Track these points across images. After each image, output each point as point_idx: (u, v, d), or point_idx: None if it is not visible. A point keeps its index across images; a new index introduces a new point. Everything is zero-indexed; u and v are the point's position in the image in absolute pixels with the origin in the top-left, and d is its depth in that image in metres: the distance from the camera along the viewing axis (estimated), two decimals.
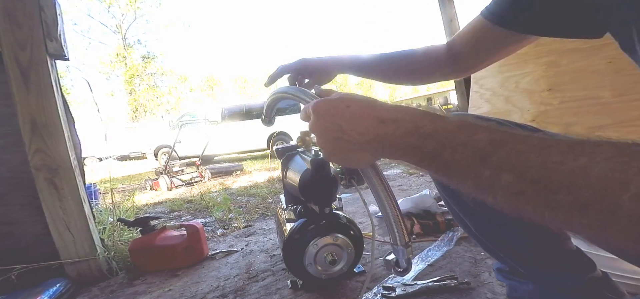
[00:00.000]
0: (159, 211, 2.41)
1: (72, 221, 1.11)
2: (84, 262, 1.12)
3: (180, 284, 1.07)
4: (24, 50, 1.00)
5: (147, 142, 7.44)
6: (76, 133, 1.17)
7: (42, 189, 1.06)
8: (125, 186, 4.17)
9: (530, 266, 0.57)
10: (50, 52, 1.05)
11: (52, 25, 1.05)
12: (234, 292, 0.98)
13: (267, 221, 1.79)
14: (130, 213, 2.09)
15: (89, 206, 1.18)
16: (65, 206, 1.09)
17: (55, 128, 1.06)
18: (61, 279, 1.07)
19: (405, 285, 0.91)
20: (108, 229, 1.38)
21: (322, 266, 0.88)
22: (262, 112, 0.81)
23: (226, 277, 1.09)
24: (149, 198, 3.07)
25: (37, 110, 1.03)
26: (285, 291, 0.94)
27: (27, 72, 1.01)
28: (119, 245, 1.30)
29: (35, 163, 1.05)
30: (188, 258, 1.21)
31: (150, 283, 1.11)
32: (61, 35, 1.08)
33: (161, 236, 1.22)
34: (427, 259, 1.04)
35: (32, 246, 1.10)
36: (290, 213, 0.97)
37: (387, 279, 0.96)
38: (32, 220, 1.09)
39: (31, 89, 1.02)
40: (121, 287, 1.10)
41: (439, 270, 0.98)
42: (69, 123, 1.14)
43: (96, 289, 1.10)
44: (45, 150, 1.05)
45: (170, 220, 2.08)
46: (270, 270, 1.10)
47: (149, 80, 19.42)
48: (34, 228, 1.09)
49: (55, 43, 1.06)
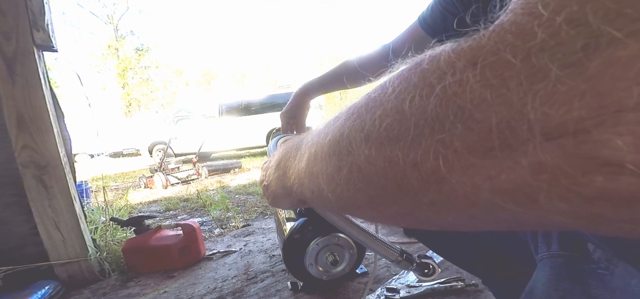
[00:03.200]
0: (154, 210, 2.41)
1: (62, 221, 1.10)
2: (74, 263, 1.12)
3: (176, 285, 1.07)
4: (8, 40, 0.99)
5: (141, 138, 7.41)
6: (66, 128, 1.16)
7: (29, 187, 1.05)
8: (118, 184, 4.17)
9: (484, 276, 0.61)
10: (37, 42, 1.03)
11: (39, 15, 1.03)
12: (232, 294, 0.98)
13: (266, 220, 1.78)
14: (124, 212, 2.09)
15: (80, 205, 1.17)
16: (55, 205, 1.08)
17: (43, 123, 1.05)
18: (50, 281, 1.06)
19: (409, 287, 0.91)
20: (100, 229, 1.38)
21: (323, 266, 0.88)
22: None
23: (224, 278, 1.08)
24: (144, 197, 3.06)
25: (23, 104, 1.02)
26: (285, 293, 0.94)
27: (12, 63, 0.99)
28: (111, 245, 1.29)
29: (22, 160, 1.03)
30: (184, 259, 1.20)
31: (145, 284, 1.10)
32: (49, 25, 1.06)
33: (156, 236, 1.21)
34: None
35: (19, 246, 1.09)
36: (290, 211, 0.96)
37: (390, 281, 0.96)
38: (19, 219, 1.08)
39: (17, 82, 1.00)
40: (114, 289, 1.09)
41: (445, 271, 0.97)
42: (58, 118, 1.13)
43: (87, 291, 1.09)
44: (32, 146, 1.04)
45: (165, 219, 2.08)
46: (269, 271, 1.09)
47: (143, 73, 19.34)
48: (21, 228, 1.08)
49: (42, 33, 1.04)
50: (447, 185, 0.13)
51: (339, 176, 0.18)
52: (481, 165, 0.11)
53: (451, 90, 0.12)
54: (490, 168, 0.11)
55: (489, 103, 0.11)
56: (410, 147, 0.14)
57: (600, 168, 0.09)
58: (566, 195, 0.10)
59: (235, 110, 6.76)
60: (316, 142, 0.22)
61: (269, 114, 6.39)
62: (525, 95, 0.10)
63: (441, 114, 0.12)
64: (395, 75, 0.16)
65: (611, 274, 0.29)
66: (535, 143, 0.10)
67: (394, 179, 0.15)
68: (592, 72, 0.09)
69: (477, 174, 0.12)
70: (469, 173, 0.12)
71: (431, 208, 0.14)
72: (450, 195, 0.13)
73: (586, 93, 0.09)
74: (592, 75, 0.09)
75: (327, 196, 0.21)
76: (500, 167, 0.11)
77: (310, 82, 0.88)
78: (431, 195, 0.14)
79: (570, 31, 0.09)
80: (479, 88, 0.11)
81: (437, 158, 0.12)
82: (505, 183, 0.11)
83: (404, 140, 0.14)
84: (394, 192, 0.15)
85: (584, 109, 0.09)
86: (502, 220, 0.13)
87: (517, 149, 0.10)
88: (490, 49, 0.11)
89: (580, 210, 0.10)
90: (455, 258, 0.65)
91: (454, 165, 0.12)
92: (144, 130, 7.53)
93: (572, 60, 0.09)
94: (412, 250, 1.13)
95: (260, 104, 6.73)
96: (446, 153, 0.12)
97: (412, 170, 0.14)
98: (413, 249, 1.14)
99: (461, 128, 0.12)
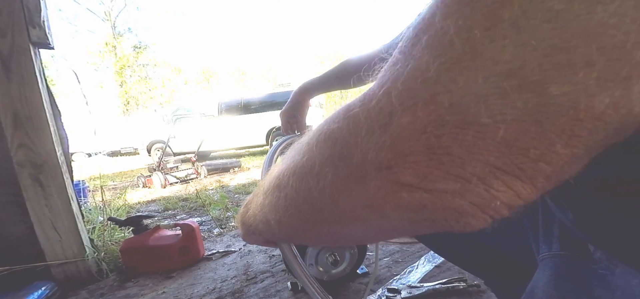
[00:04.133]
0: (152, 210, 2.40)
1: (59, 221, 1.09)
2: (71, 263, 1.11)
3: (175, 286, 1.06)
4: (4, 37, 0.98)
5: (140, 137, 7.40)
6: (63, 127, 1.15)
7: (26, 186, 1.04)
8: (116, 184, 4.17)
9: (486, 276, 0.63)
10: (33, 40, 1.03)
11: (35, 11, 1.02)
12: (231, 294, 0.98)
13: None
14: (122, 212, 2.09)
15: (77, 205, 1.17)
16: (52, 204, 1.08)
17: (40, 122, 1.04)
18: (47, 282, 1.06)
19: (411, 287, 0.90)
20: (98, 228, 1.38)
21: (323, 267, 0.87)
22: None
23: (223, 278, 1.08)
24: (142, 196, 3.06)
25: (20, 102, 1.01)
26: (285, 294, 0.94)
27: (8, 61, 0.99)
28: (109, 246, 1.29)
29: (18, 159, 1.03)
30: (183, 259, 1.20)
31: (143, 285, 1.10)
32: (45, 22, 1.06)
33: (155, 236, 1.21)
34: (434, 261, 1.03)
35: (15, 247, 1.08)
36: None
37: (391, 281, 0.95)
38: (15, 219, 1.07)
39: (13, 79, 1.00)
40: (112, 290, 1.09)
41: (447, 272, 0.97)
42: (55, 116, 1.12)
43: (85, 292, 1.09)
44: (29, 144, 1.03)
45: (164, 219, 2.07)
46: (269, 271, 1.09)
47: (141, 71, 19.29)
48: (18, 228, 1.08)
49: (38, 30, 1.03)
50: (340, 204, 0.18)
51: (278, 205, 0.24)
52: (355, 189, 0.17)
53: (341, 140, 0.18)
54: (361, 191, 0.17)
55: (355, 150, 0.17)
56: (317, 177, 0.19)
57: (403, 188, 0.15)
58: (395, 206, 0.16)
59: (234, 108, 6.75)
60: (267, 180, 0.27)
61: (269, 113, 6.38)
62: (368, 145, 0.16)
63: (334, 155, 0.18)
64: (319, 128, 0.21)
65: (612, 274, 0.30)
66: (373, 174, 0.16)
67: (312, 203, 0.20)
68: (391, 132, 0.15)
69: (354, 195, 0.17)
70: (349, 195, 0.17)
71: (336, 224, 0.20)
72: (342, 212, 0.19)
73: (390, 145, 0.15)
74: (391, 134, 0.15)
75: (273, 226, 0.26)
76: (364, 189, 0.16)
77: (310, 81, 0.88)
78: (334, 214, 0.19)
79: (381, 109, 0.16)
80: (349, 139, 0.17)
81: (332, 185, 0.18)
82: (368, 201, 0.17)
83: (314, 172, 0.19)
84: (314, 214, 0.20)
85: (390, 154, 0.15)
86: (380, 229, 0.20)
87: (369, 178, 0.16)
88: (353, 117, 0.18)
89: (406, 216, 0.16)
90: (455, 258, 0.66)
91: (341, 190, 0.18)
92: (142, 128, 7.52)
93: (384, 124, 0.15)
94: (412, 250, 1.13)
95: (260, 103, 6.72)
96: (337, 181, 0.18)
97: (319, 195, 0.19)
98: (414, 249, 1.13)
99: (343, 165, 0.17)
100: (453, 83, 0.13)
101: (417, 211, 0.15)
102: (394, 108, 0.15)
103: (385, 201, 0.16)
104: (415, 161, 0.15)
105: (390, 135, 0.15)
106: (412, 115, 0.14)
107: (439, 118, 0.14)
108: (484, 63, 0.13)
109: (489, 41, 0.13)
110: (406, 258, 1.09)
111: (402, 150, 0.15)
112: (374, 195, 0.16)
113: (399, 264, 1.05)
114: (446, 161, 0.14)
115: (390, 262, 1.07)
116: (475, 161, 0.14)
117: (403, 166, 0.15)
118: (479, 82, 0.13)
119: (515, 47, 0.12)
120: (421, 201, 0.15)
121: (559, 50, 0.12)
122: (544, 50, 0.12)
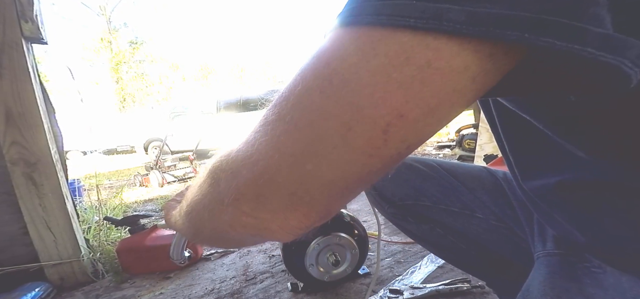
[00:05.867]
0: (150, 209, 2.40)
1: (53, 220, 1.09)
2: (66, 264, 1.11)
3: (172, 287, 1.06)
4: None
5: (136, 134, 7.38)
6: (57, 124, 1.14)
7: (19, 185, 1.04)
8: (112, 182, 4.17)
9: (487, 278, 0.65)
10: (26, 34, 1.02)
11: (27, 5, 1.01)
12: (230, 295, 0.97)
13: None
14: (118, 211, 2.09)
15: (72, 204, 1.16)
16: (46, 203, 1.07)
17: (33, 119, 1.03)
18: (41, 283, 1.06)
19: (413, 288, 0.90)
20: (93, 228, 1.37)
21: (324, 267, 0.87)
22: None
23: (222, 279, 1.08)
24: (139, 195, 3.06)
25: (12, 98, 1.00)
26: (285, 294, 0.93)
27: None
28: (105, 246, 1.29)
29: (10, 157, 1.02)
30: None
31: (140, 286, 1.10)
32: (37, 16, 1.04)
33: (152, 236, 1.20)
34: (436, 261, 1.03)
35: (7, 247, 1.08)
36: None
37: (393, 282, 0.95)
38: (8, 218, 1.07)
39: (5, 75, 0.99)
40: (107, 291, 1.09)
41: (451, 272, 0.96)
42: (48, 113, 1.11)
43: (80, 293, 1.09)
44: (22, 142, 1.03)
45: (161, 219, 2.07)
46: (269, 272, 1.09)
47: (137, 67, 19.21)
48: (10, 228, 1.07)
49: (30, 24, 1.02)
50: (221, 217, 0.25)
51: (191, 226, 0.32)
52: (225, 211, 0.24)
53: (224, 180, 0.25)
54: (229, 213, 0.24)
55: (224, 185, 0.24)
56: (206, 209, 0.28)
57: (242, 209, 0.23)
58: (244, 226, 0.24)
59: (233, 106, 6.73)
60: (184, 203, 0.35)
61: None
62: (229, 187, 0.24)
63: (214, 195, 0.26)
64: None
65: (604, 272, 0.32)
66: (232, 204, 0.24)
67: (205, 223, 0.28)
68: (221, 187, 0.25)
69: (227, 216, 0.25)
70: (223, 215, 0.25)
71: (228, 229, 0.26)
72: (225, 223, 0.26)
73: (237, 188, 0.23)
74: (234, 187, 0.24)
75: (189, 236, 0.35)
76: (234, 213, 0.24)
77: None
78: (223, 218, 0.25)
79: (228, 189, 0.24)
80: (223, 177, 0.25)
81: (212, 213, 0.27)
82: (242, 221, 0.24)
83: (205, 205, 0.28)
84: (206, 229, 0.29)
85: (233, 194, 0.23)
86: (256, 241, 0.30)
87: (237, 205, 0.24)
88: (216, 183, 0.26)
89: (246, 232, 0.25)
90: (456, 260, 0.67)
91: (222, 209, 0.25)
92: (139, 126, 7.51)
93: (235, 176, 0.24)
94: (413, 250, 1.13)
95: (260, 100, 6.70)
96: (213, 211, 0.26)
97: (209, 217, 0.27)
98: (416, 249, 1.13)
99: (216, 203, 0.26)
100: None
101: (254, 229, 0.24)
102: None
103: (248, 224, 0.24)
104: (250, 202, 0.23)
105: (235, 187, 0.24)
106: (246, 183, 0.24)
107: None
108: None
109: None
110: (408, 258, 1.08)
111: (230, 192, 0.24)
112: (239, 217, 0.24)
113: (401, 264, 1.05)
114: (262, 201, 0.22)
115: (393, 262, 1.07)
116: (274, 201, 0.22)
117: (239, 202, 0.23)
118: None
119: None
120: (251, 223, 0.24)
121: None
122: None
